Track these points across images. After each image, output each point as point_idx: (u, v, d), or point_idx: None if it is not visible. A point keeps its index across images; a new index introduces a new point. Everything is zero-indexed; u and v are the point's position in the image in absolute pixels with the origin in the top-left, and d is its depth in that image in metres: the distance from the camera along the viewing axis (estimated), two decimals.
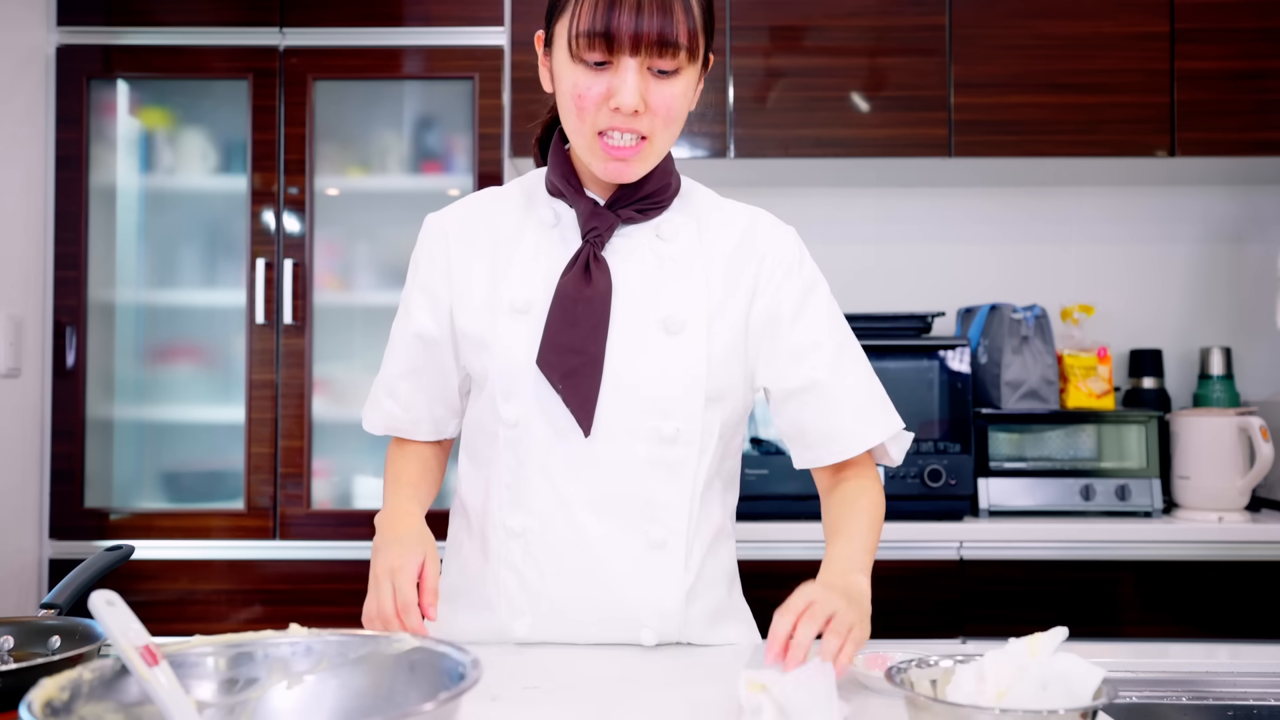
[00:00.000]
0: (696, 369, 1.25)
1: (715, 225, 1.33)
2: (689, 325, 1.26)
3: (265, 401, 2.58)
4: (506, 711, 1.05)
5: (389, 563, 1.16)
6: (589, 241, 1.26)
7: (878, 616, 2.62)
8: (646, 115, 1.19)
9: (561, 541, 1.27)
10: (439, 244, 1.34)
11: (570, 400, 1.23)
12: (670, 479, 1.26)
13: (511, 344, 1.26)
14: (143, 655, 0.78)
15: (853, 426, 1.30)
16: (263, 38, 2.61)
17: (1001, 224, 3.07)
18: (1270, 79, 2.67)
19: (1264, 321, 3.00)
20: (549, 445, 1.26)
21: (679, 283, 1.28)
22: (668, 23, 1.15)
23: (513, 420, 1.26)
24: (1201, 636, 2.44)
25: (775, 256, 1.33)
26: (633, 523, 1.26)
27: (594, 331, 1.23)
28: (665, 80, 1.18)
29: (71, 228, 2.60)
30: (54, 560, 2.57)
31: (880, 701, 1.09)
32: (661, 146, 1.23)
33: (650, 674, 1.21)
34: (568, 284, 1.24)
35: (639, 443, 1.25)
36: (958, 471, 2.54)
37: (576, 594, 1.27)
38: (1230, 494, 2.57)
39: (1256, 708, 1.26)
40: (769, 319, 1.31)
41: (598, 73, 1.17)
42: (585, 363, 1.22)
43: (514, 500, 1.28)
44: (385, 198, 2.73)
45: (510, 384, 1.26)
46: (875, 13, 2.69)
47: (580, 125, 1.20)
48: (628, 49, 1.15)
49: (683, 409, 1.25)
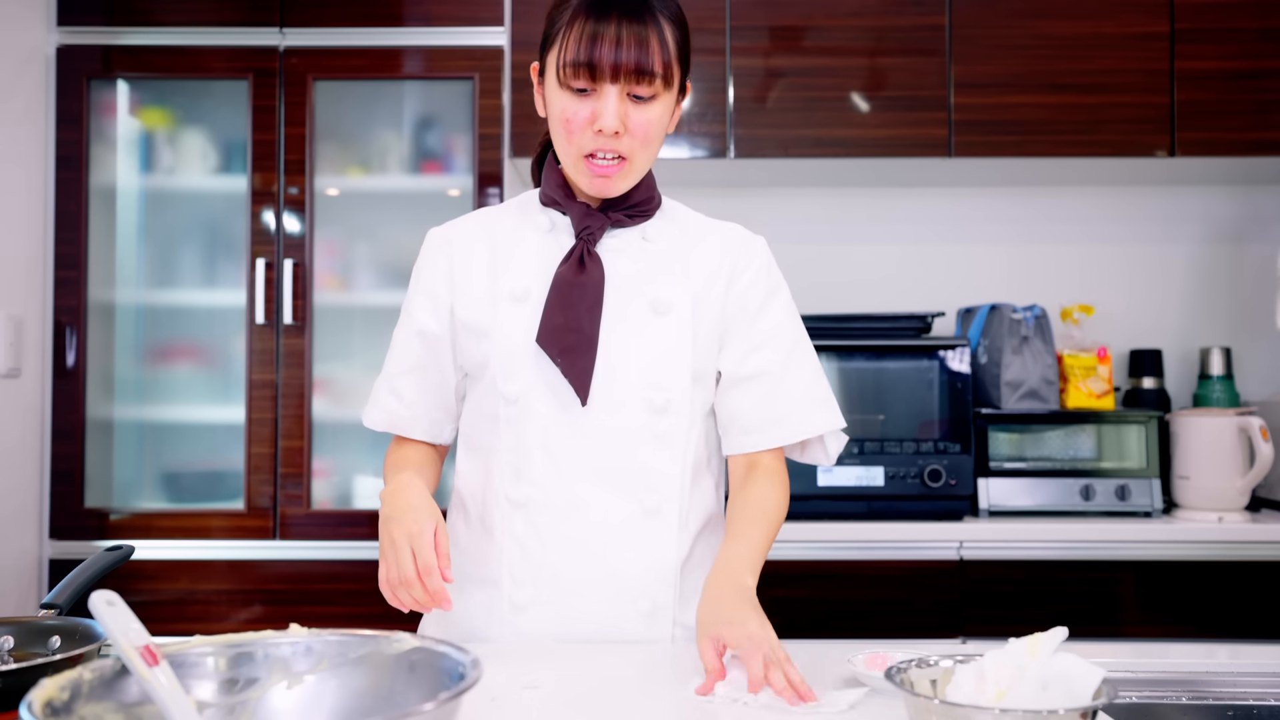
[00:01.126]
0: (683, 344, 1.37)
1: (694, 232, 1.46)
2: (675, 307, 1.38)
3: (265, 401, 2.59)
4: (506, 712, 1.06)
5: (406, 528, 1.21)
6: (582, 239, 1.38)
7: (879, 614, 2.64)
8: (626, 136, 1.32)
9: (561, 510, 1.36)
10: (441, 251, 1.45)
11: (569, 373, 1.33)
12: (663, 448, 1.37)
13: (511, 328, 1.37)
14: (143, 655, 0.79)
15: (796, 415, 1.42)
16: (263, 38, 2.62)
17: (1001, 224, 3.08)
18: (1270, 79, 2.68)
19: (1264, 322, 3.01)
20: (548, 419, 1.36)
21: (665, 274, 1.40)
22: (644, 54, 1.29)
23: (514, 397, 1.36)
24: (1201, 636, 2.45)
25: (747, 258, 1.45)
26: (628, 491, 1.36)
27: (589, 312, 1.34)
28: (643, 105, 1.32)
29: (72, 228, 2.61)
30: (54, 560, 2.57)
31: (880, 701, 1.10)
32: (641, 164, 1.36)
33: (647, 672, 1.22)
34: (564, 272, 1.36)
35: (632, 413, 1.36)
36: (958, 471, 2.55)
37: (575, 561, 1.36)
38: (1230, 494, 2.58)
39: (1256, 708, 1.26)
40: (737, 309, 1.42)
41: (583, 99, 1.31)
42: (581, 340, 1.33)
43: (515, 474, 1.37)
44: (385, 198, 2.74)
45: (511, 364, 1.36)
46: (875, 13, 2.70)
47: (568, 147, 1.34)
48: (608, 77, 1.29)
49: (671, 381, 1.37)
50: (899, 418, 2.59)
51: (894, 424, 2.59)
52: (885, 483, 2.55)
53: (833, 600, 2.48)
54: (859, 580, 2.48)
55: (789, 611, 2.43)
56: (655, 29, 1.30)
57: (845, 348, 2.60)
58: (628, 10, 1.29)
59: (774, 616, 1.22)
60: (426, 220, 2.59)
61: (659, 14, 1.31)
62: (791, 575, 2.47)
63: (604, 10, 1.29)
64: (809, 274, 2.92)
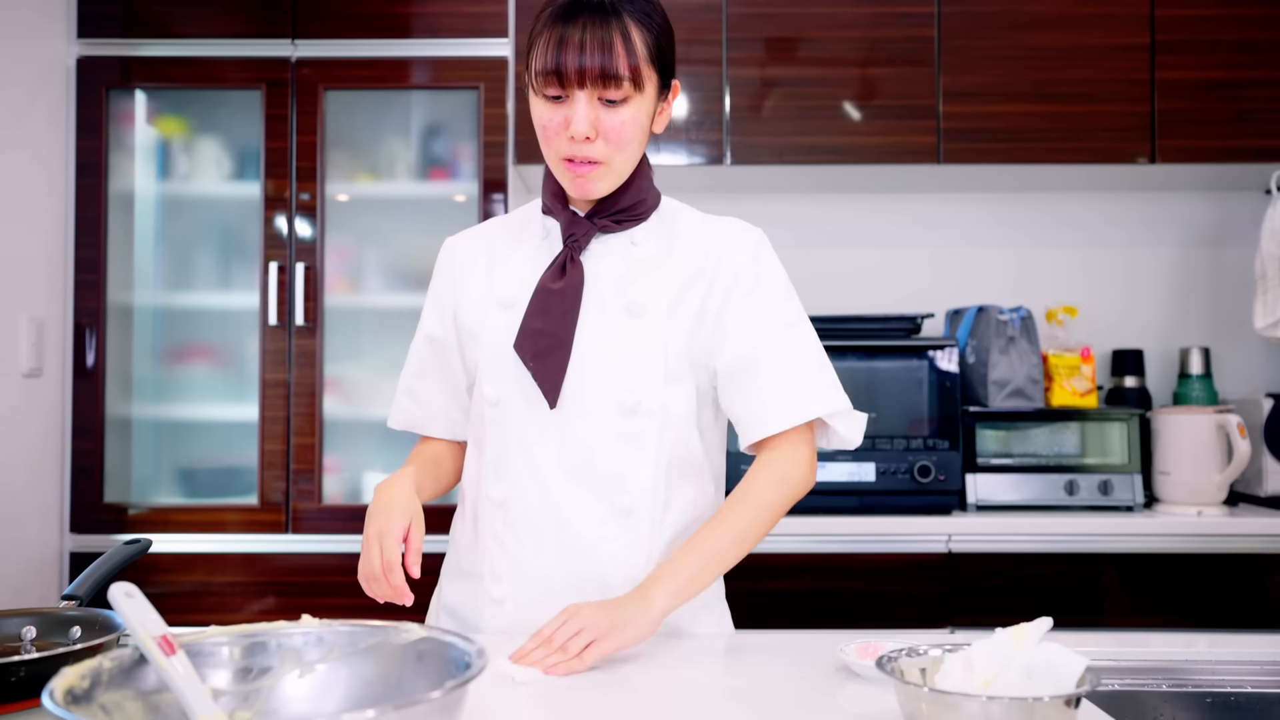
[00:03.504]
0: (654, 346, 1.36)
1: (684, 232, 1.44)
2: (649, 309, 1.37)
3: (278, 400, 2.64)
4: (498, 699, 1.08)
5: (378, 526, 1.27)
6: (568, 246, 1.39)
7: (871, 605, 2.66)
8: (600, 141, 1.31)
9: (536, 509, 1.37)
10: (448, 259, 1.51)
11: (539, 376, 1.35)
12: (633, 450, 1.36)
13: (495, 333, 1.40)
14: (160, 645, 0.80)
15: (784, 404, 1.37)
16: (275, 49, 2.67)
17: (989, 229, 3.11)
18: (1247, 88, 2.71)
19: (1242, 323, 3.05)
20: (525, 420, 1.38)
21: (643, 277, 1.39)
22: (609, 58, 1.28)
23: (495, 399, 1.39)
24: (1181, 626, 2.48)
25: (733, 253, 1.42)
26: (600, 492, 1.36)
27: (564, 318, 1.35)
28: (614, 109, 1.31)
29: (91, 233, 2.65)
30: (74, 553, 2.61)
31: (871, 689, 1.12)
32: (620, 165, 1.35)
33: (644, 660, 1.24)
34: (545, 280, 1.38)
35: (603, 414, 1.36)
36: (946, 467, 2.58)
37: (550, 559, 1.37)
38: (1209, 489, 2.61)
39: (1234, 694, 1.29)
40: (721, 304, 1.40)
41: (557, 105, 1.31)
42: (555, 344, 1.34)
43: (495, 472, 1.39)
44: (393, 203, 2.77)
45: (494, 368, 1.39)
46: (867, 25, 2.74)
47: (548, 151, 1.35)
48: (575, 83, 1.28)
49: (642, 383, 1.35)
50: (890, 415, 2.63)
51: (885, 421, 2.62)
52: (876, 478, 2.58)
53: (826, 592, 2.50)
54: (851, 572, 2.51)
55: (783, 603, 2.47)
56: (620, 32, 1.28)
57: (838, 348, 2.62)
58: (594, 14, 1.28)
59: (768, 607, 1.25)
60: (433, 225, 2.69)
61: (625, 16, 1.29)
62: (785, 568, 2.50)
63: (571, 16, 1.28)
64: (802, 276, 2.89)
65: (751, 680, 1.18)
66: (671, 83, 1.39)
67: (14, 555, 2.46)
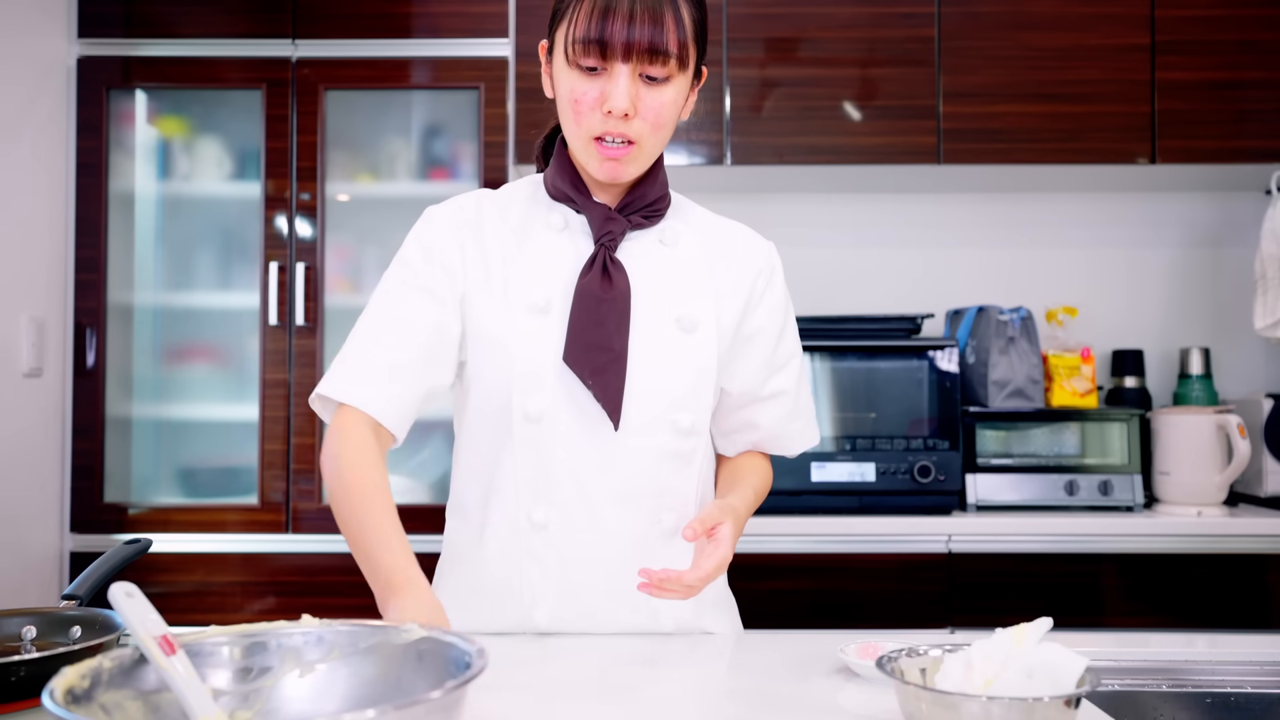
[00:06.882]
0: (709, 365, 1.32)
1: (712, 239, 1.40)
2: (701, 324, 1.32)
3: (278, 400, 2.64)
4: (507, 698, 1.08)
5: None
6: (603, 245, 1.29)
7: (871, 605, 2.67)
8: (636, 120, 1.23)
9: (581, 530, 1.30)
10: (450, 233, 1.35)
11: (601, 395, 1.25)
12: (683, 468, 1.32)
13: (533, 342, 1.28)
14: (160, 645, 0.80)
15: (807, 430, 1.47)
16: (276, 49, 2.67)
17: (989, 229, 3.11)
18: (1247, 89, 2.71)
19: (1242, 323, 3.05)
20: (574, 439, 1.28)
21: (687, 285, 1.33)
22: (658, 32, 1.19)
23: (536, 415, 1.27)
24: (1181, 626, 2.48)
25: (767, 278, 1.41)
26: (649, 512, 1.31)
27: (618, 329, 1.26)
28: (656, 87, 1.23)
29: (92, 232, 2.65)
30: (75, 553, 2.61)
31: (871, 689, 1.12)
32: (651, 149, 1.27)
33: (647, 660, 1.24)
34: (589, 284, 1.27)
35: (658, 435, 1.30)
36: (946, 468, 2.58)
37: (597, 582, 1.30)
38: (1209, 489, 2.61)
39: (1234, 694, 1.28)
40: (756, 329, 1.39)
41: (592, 78, 1.22)
42: (612, 359, 1.25)
43: (534, 494, 1.29)
44: (394, 203, 2.77)
45: (533, 379, 1.27)
46: (867, 25, 2.74)
47: (576, 129, 1.25)
48: (619, 55, 1.20)
49: (697, 403, 1.31)
50: (890, 416, 2.63)
51: (885, 422, 2.62)
52: (876, 478, 2.58)
53: (826, 592, 2.50)
54: (851, 573, 2.51)
55: (784, 603, 2.47)
56: (671, 5, 1.20)
57: (838, 348, 2.63)
58: None
59: (769, 608, 1.26)
60: None
61: None
62: (786, 568, 2.49)
63: None
64: (803, 277, 2.94)
65: (751, 680, 1.18)
66: (702, 69, 1.32)
67: (14, 555, 2.46)
